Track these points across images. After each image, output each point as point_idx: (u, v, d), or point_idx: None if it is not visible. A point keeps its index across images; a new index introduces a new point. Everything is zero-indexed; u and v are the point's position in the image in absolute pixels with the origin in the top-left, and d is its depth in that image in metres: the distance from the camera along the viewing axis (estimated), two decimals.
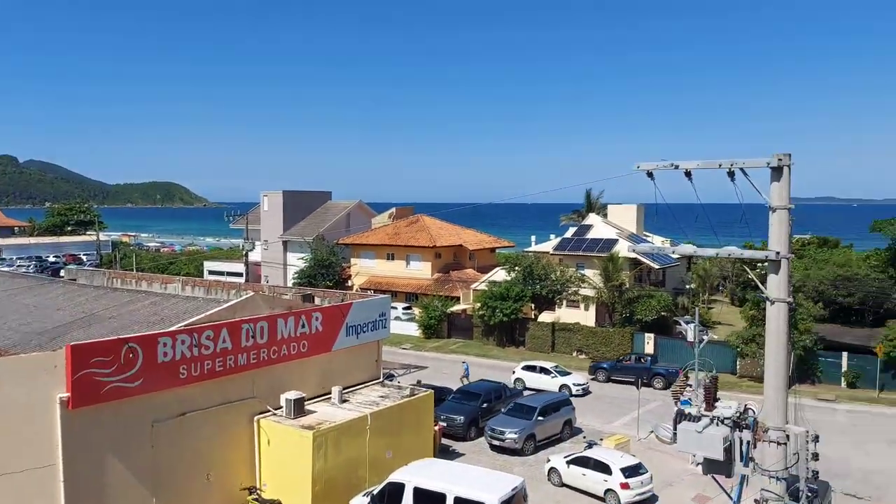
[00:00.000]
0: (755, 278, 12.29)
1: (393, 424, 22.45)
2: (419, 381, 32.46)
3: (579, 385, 36.99)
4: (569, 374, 38.21)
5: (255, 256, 63.88)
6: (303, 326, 22.24)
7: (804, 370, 38.58)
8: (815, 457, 11.32)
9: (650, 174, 12.07)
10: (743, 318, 43.72)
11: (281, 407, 21.27)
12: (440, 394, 31.44)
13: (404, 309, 54.50)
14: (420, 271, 58.54)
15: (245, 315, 21.09)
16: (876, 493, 24.76)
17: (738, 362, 41.22)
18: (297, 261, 62.93)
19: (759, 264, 35.32)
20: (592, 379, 40.60)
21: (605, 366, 41.33)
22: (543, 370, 38.16)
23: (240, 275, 61.62)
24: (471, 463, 25.22)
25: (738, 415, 11.67)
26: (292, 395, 21.20)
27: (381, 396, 23.71)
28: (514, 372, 39.02)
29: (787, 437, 11.10)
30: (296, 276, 60.01)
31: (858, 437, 30.85)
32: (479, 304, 49.79)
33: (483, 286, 52.61)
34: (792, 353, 16.20)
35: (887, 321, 40.39)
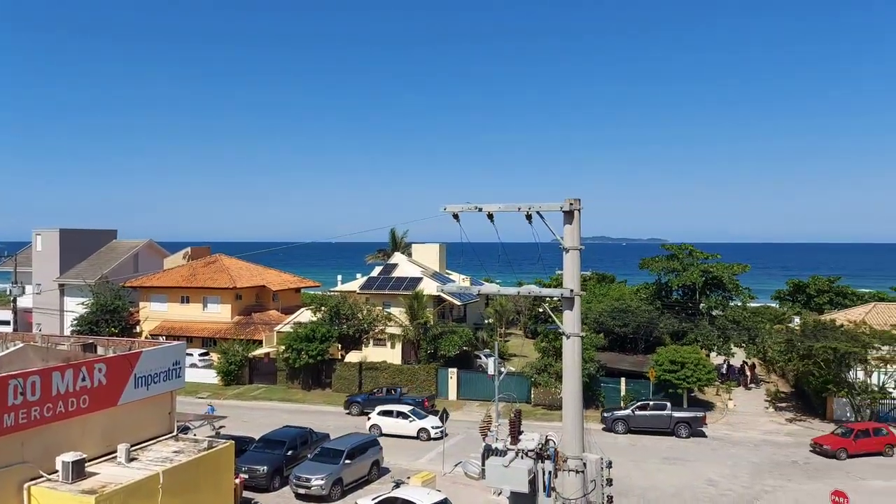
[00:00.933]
0: (551, 313, 13.01)
1: (188, 481, 20.66)
2: (218, 433, 30.42)
3: (437, 428, 35.97)
4: (426, 416, 37.98)
5: (25, 302, 56.71)
6: (83, 380, 19.88)
7: (589, 396, 41.78)
8: (609, 482, 12.12)
9: (456, 216, 12.45)
10: (536, 350, 46.50)
11: (57, 471, 18.74)
12: (241, 444, 29.68)
13: (201, 355, 51.22)
14: (219, 314, 55.42)
15: (13, 369, 18.43)
16: None
17: (532, 392, 43.63)
18: (76, 306, 56.77)
19: (549, 299, 37.97)
20: (347, 413, 41.92)
21: (359, 399, 42.62)
22: (401, 414, 37.54)
23: (7, 323, 54.26)
24: None
25: (540, 446, 12.19)
26: (69, 456, 18.77)
27: (175, 451, 21.79)
28: (368, 418, 38.01)
29: (584, 464, 11.81)
30: (75, 323, 54.07)
31: (636, 456, 33.86)
32: (283, 347, 48.11)
33: (287, 328, 51.00)
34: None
35: (656, 348, 45.12)
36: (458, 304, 56.91)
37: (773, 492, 29.43)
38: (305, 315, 51.19)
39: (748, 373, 50.46)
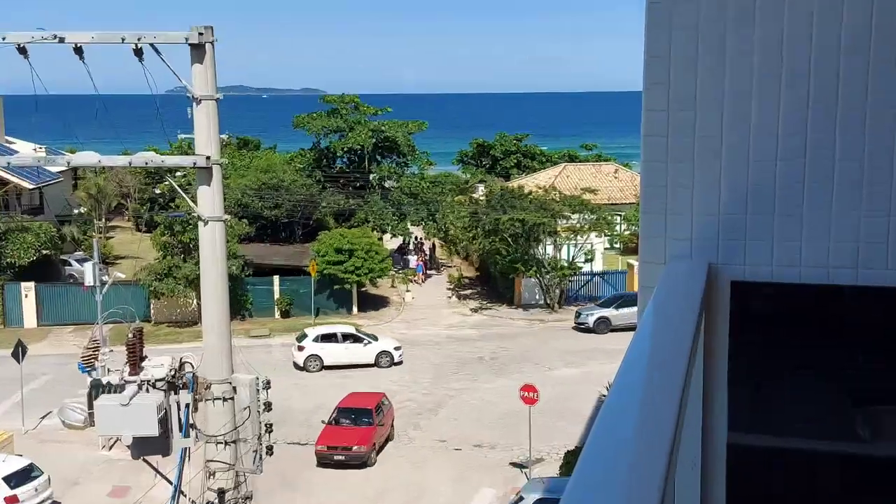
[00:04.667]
0: (181, 192, 12.71)
1: None
2: None
3: (399, 349, 38.48)
4: (377, 339, 39.19)
5: None
6: None
7: (232, 302, 42.40)
8: (268, 407, 12.59)
9: (23, 50, 11.26)
10: (155, 248, 45.30)
11: None
12: None
13: None
14: None
15: None
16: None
17: (151, 306, 42.84)
18: None
19: (174, 173, 36.86)
20: None
21: None
22: (350, 337, 38.46)
23: None
24: None
25: (173, 373, 12.08)
26: None
27: None
28: (301, 348, 38.02)
29: (235, 389, 12.06)
30: None
31: (294, 371, 35.81)
32: None
33: None
34: None
35: (319, 234, 46.94)
36: (30, 187, 52.45)
37: (457, 395, 33.57)
38: None
39: (426, 253, 55.49)
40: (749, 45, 3.09)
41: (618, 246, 52.79)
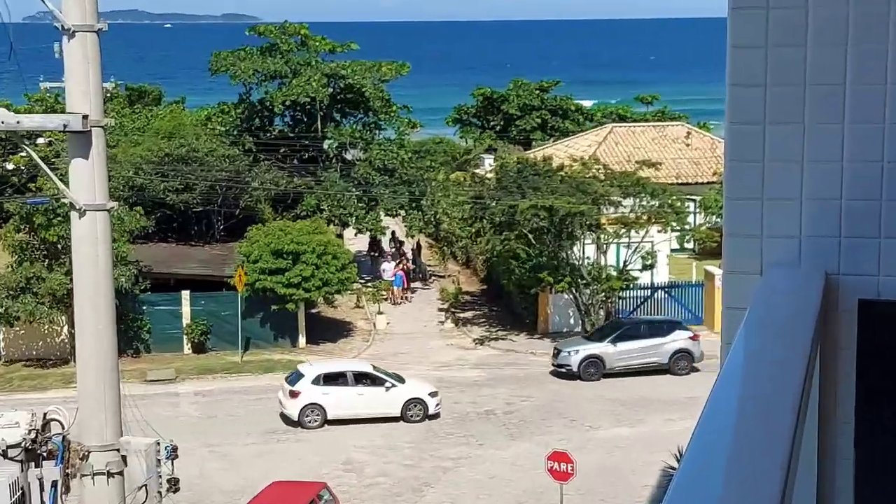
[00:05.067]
0: (45, 168, 12.67)
1: None
2: None
3: (436, 396, 38.77)
4: (403, 380, 39.36)
5: None
6: None
7: (121, 331, 42.02)
8: (174, 484, 12.46)
9: None
10: (6, 250, 44.75)
11: None
12: None
13: None
14: None
15: None
16: None
17: (1, 336, 42.49)
18: None
19: (35, 139, 36.48)
20: None
21: None
22: (366, 378, 39.02)
23: None
24: None
25: (34, 436, 11.91)
26: None
27: None
28: (294, 394, 37.86)
29: (124, 459, 11.88)
30: None
31: (215, 433, 35.55)
32: None
33: None
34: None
35: (249, 229, 46.36)
36: None
37: (454, 468, 33.31)
38: None
39: (408, 258, 54.87)
40: None
41: (690, 246, 52.47)
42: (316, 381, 37.91)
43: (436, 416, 37.60)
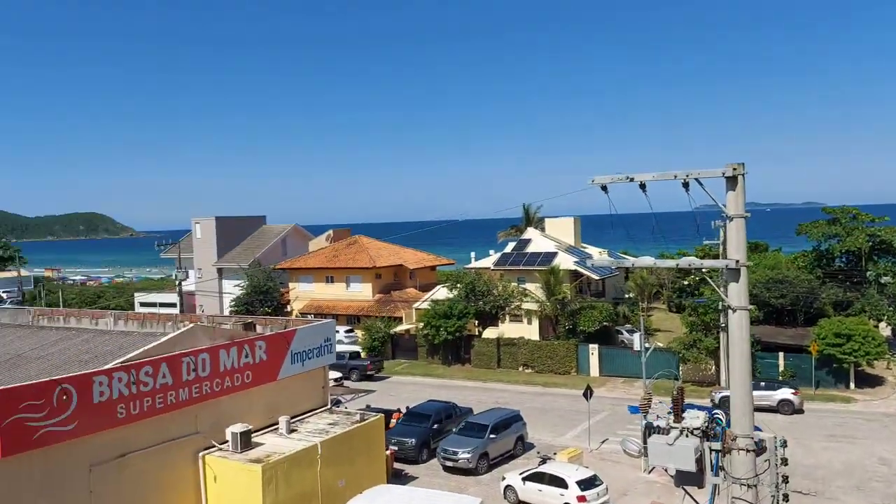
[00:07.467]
0: (714, 286, 12.28)
1: (344, 452, 21.71)
2: (368, 406, 31.74)
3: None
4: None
5: (187, 286, 61.70)
6: (246, 356, 21.33)
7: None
8: (784, 462, 11.36)
9: (604, 188, 12.04)
10: (683, 325, 44.62)
11: (227, 441, 20.28)
12: (390, 417, 30.76)
13: (346, 332, 53.51)
14: (360, 293, 57.66)
15: (184, 347, 20.06)
16: (819, 488, 25.48)
17: (680, 368, 41.99)
18: (233, 288, 61.06)
19: (701, 271, 36.10)
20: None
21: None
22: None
23: (173, 305, 59.29)
24: (425, 486, 24.69)
25: (706, 425, 11.64)
26: (238, 427, 20.25)
27: (331, 424, 22.94)
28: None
29: (756, 443, 11.11)
30: (233, 304, 58.20)
31: (798, 434, 31.71)
32: (422, 324, 49.30)
33: (425, 305, 52.13)
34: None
35: (818, 320, 41.90)
36: (597, 278, 55.67)
37: None
38: (442, 292, 52.10)
39: None
40: None
41: None
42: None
43: None
